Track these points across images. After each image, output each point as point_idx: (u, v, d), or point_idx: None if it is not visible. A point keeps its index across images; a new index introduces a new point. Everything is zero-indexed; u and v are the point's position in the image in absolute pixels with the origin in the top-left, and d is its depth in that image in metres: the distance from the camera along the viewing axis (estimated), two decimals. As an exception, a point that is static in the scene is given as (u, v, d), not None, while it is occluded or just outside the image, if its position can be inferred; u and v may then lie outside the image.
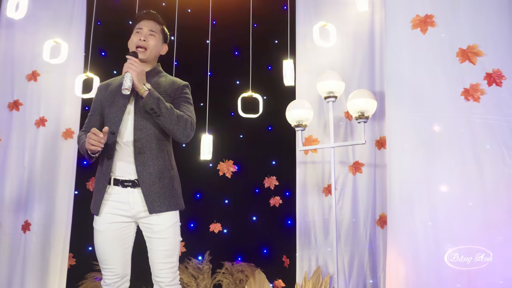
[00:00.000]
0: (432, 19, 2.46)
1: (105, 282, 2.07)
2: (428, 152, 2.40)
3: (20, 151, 3.82)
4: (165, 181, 2.05)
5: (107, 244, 2.04)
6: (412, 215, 2.37)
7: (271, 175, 3.98)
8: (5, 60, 3.92)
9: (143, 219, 2.04)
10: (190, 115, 2.09)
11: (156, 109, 1.96)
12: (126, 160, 2.03)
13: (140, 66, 1.98)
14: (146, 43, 2.14)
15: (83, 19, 4.05)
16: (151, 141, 2.04)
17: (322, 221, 3.58)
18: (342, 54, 3.70)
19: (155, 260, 2.05)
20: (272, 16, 4.15)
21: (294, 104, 3.22)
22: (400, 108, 2.51)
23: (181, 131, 2.02)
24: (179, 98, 2.14)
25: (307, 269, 3.55)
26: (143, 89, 1.96)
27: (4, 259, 3.67)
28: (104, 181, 2.04)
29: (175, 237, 2.06)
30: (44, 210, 3.74)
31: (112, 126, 2.04)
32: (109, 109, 2.10)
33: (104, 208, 2.04)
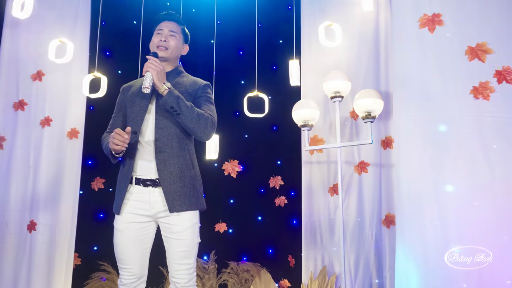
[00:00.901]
0: (439, 18, 2.46)
1: (121, 282, 2.07)
2: (436, 152, 2.39)
3: (25, 150, 3.82)
4: (186, 180, 2.05)
5: (126, 244, 2.04)
6: (421, 215, 2.36)
7: (276, 175, 3.98)
8: (10, 59, 3.92)
9: (163, 219, 2.04)
10: (211, 114, 2.10)
11: (176, 108, 1.97)
12: (147, 159, 2.04)
13: (159, 65, 1.98)
14: (167, 43, 2.14)
15: (87, 19, 4.06)
16: (172, 140, 2.04)
17: (328, 221, 3.58)
18: (347, 53, 3.70)
19: (172, 261, 2.05)
20: (276, 16, 4.15)
21: (300, 104, 3.22)
22: (408, 107, 2.51)
23: (202, 130, 2.03)
24: (200, 97, 2.15)
25: (313, 269, 3.55)
26: (163, 87, 1.97)
27: (10, 259, 3.67)
28: (126, 181, 2.05)
29: (193, 239, 2.05)
30: (50, 209, 3.74)
31: (134, 126, 2.06)
32: (131, 109, 2.12)
33: (125, 207, 2.04)
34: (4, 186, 3.74)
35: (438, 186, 2.37)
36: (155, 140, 2.03)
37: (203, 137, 2.07)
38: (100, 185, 4.06)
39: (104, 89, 3.60)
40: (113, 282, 3.81)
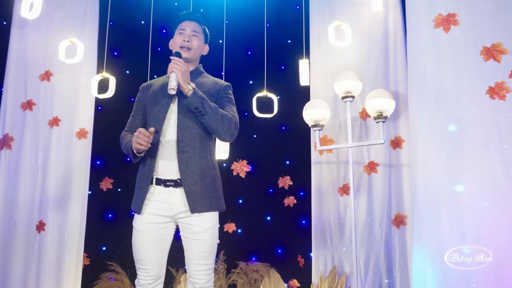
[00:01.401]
0: (455, 18, 2.46)
1: (139, 283, 2.08)
2: (452, 152, 2.39)
3: (34, 151, 3.82)
4: (207, 180, 2.05)
5: (145, 244, 2.04)
6: (437, 215, 2.36)
7: (285, 175, 3.97)
8: (18, 59, 3.91)
9: (183, 219, 2.05)
10: (234, 115, 2.11)
11: (201, 108, 1.97)
12: (169, 159, 2.04)
13: (184, 66, 1.99)
14: (190, 44, 2.15)
15: (96, 19, 4.05)
16: (194, 140, 2.04)
17: (338, 221, 3.58)
18: (357, 54, 3.71)
19: (191, 261, 2.05)
20: (284, 16, 4.14)
21: (311, 104, 3.22)
22: (423, 107, 2.51)
23: (226, 130, 2.03)
24: (222, 98, 2.16)
25: (323, 269, 3.55)
26: (187, 88, 1.97)
27: (19, 259, 3.66)
28: (147, 180, 2.05)
29: (212, 240, 2.05)
30: (59, 210, 3.74)
31: (155, 125, 2.06)
32: (152, 108, 2.12)
33: (145, 207, 2.04)
34: (12, 187, 3.73)
35: (454, 186, 2.38)
36: (177, 140, 2.03)
37: (226, 137, 2.06)
38: (109, 185, 4.06)
39: (112, 90, 3.59)
40: (122, 282, 3.81)
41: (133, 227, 2.10)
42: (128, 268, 3.89)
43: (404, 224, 3.38)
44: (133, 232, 2.09)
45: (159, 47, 4.10)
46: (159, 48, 4.10)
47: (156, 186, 2.05)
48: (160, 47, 4.15)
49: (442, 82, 2.46)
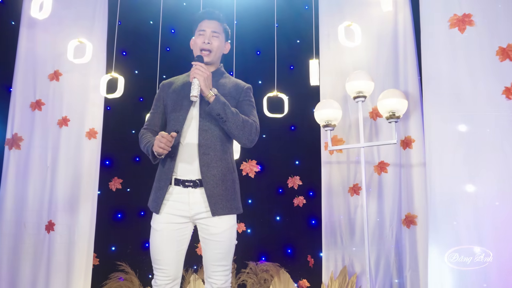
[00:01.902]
0: (470, 18, 2.46)
1: (156, 283, 2.06)
2: (468, 152, 2.40)
3: (43, 151, 3.81)
4: (228, 183, 2.04)
5: (163, 244, 2.03)
6: (453, 215, 2.37)
7: (294, 175, 3.98)
8: (27, 59, 3.91)
9: (201, 220, 2.04)
10: (255, 120, 2.09)
11: (223, 115, 1.97)
12: (189, 160, 2.03)
13: (206, 71, 1.97)
14: (211, 46, 2.11)
15: (105, 19, 4.05)
16: (215, 143, 2.03)
17: (348, 220, 3.58)
18: (366, 54, 3.70)
19: (209, 262, 2.05)
20: (293, 16, 4.14)
21: (323, 104, 3.22)
22: (439, 107, 2.51)
23: (246, 136, 2.03)
24: (243, 101, 2.14)
25: (333, 269, 3.55)
26: (210, 94, 1.96)
27: (28, 259, 3.66)
28: (166, 180, 2.04)
29: (230, 241, 2.05)
30: (68, 210, 3.74)
31: (176, 125, 2.05)
32: (172, 108, 2.10)
33: (163, 207, 2.04)
34: (21, 187, 3.73)
35: (470, 186, 2.38)
36: (199, 142, 2.02)
37: (247, 143, 2.06)
38: (118, 185, 4.06)
39: (121, 90, 3.59)
40: (131, 282, 3.81)
41: (151, 227, 2.10)
42: (137, 268, 3.90)
43: (414, 224, 3.38)
44: (151, 232, 2.08)
45: (168, 47, 4.10)
46: (168, 48, 4.10)
47: (174, 186, 2.04)
48: (169, 47, 4.15)
49: (458, 83, 2.46)
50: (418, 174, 3.42)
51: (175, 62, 4.09)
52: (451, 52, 2.51)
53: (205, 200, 2.01)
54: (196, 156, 2.02)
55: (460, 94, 2.45)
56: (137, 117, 4.13)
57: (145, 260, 3.97)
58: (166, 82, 2.25)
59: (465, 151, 2.41)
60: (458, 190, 2.40)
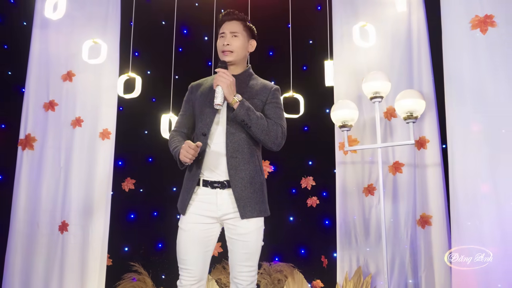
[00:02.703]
0: (492, 19, 2.47)
1: (181, 283, 2.06)
2: (492, 152, 2.40)
3: (56, 151, 3.81)
4: (256, 186, 2.05)
5: (189, 244, 2.04)
6: (477, 215, 2.37)
7: (307, 175, 3.97)
8: (40, 60, 3.91)
9: (229, 220, 2.04)
10: (281, 123, 2.09)
11: (247, 121, 1.97)
12: (217, 163, 2.03)
13: (229, 77, 1.97)
14: (230, 46, 2.11)
15: (117, 19, 4.05)
16: (243, 146, 2.04)
17: (363, 221, 3.59)
18: (380, 54, 3.71)
19: (235, 262, 2.05)
20: (306, 17, 4.14)
21: (339, 105, 3.22)
22: (461, 108, 2.51)
23: (272, 140, 2.03)
24: (271, 104, 2.13)
25: (348, 269, 3.55)
26: (233, 100, 1.97)
27: (42, 260, 3.66)
28: (193, 182, 2.05)
29: (257, 242, 2.05)
30: (82, 210, 3.74)
31: (203, 128, 2.06)
32: (200, 110, 2.11)
33: (190, 208, 2.04)
34: (35, 187, 3.73)
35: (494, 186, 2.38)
36: (227, 145, 2.03)
37: (273, 147, 2.06)
38: (131, 186, 4.06)
39: (138, 90, 3.59)
40: (144, 283, 3.81)
41: (178, 227, 2.10)
42: (150, 269, 3.89)
43: (429, 224, 3.38)
44: (178, 232, 2.08)
45: (180, 48, 4.10)
46: (180, 48, 4.10)
47: (202, 187, 2.05)
48: (181, 47, 4.15)
49: (480, 83, 2.47)
50: (433, 174, 3.42)
51: (187, 62, 4.09)
52: (472, 53, 2.51)
53: (233, 200, 2.02)
54: (224, 159, 2.02)
55: (482, 95, 2.46)
56: (149, 117, 4.13)
57: (158, 260, 3.98)
58: (195, 84, 2.25)
59: (488, 151, 2.41)
60: (481, 189, 2.40)
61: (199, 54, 4.24)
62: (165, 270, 3.94)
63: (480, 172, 2.44)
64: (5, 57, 3.94)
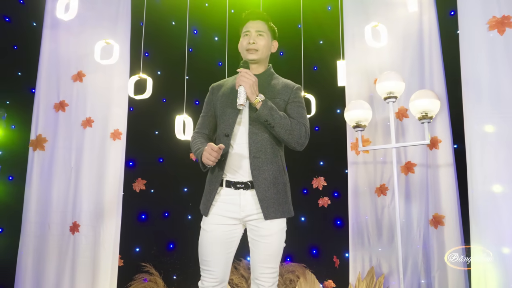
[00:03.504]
0: (509, 20, 2.47)
1: (202, 284, 2.06)
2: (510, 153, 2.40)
3: (67, 151, 3.81)
4: (279, 186, 2.04)
5: (212, 245, 2.03)
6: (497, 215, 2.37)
7: (319, 175, 3.97)
8: (50, 60, 3.90)
9: (252, 221, 2.04)
10: (305, 123, 2.08)
11: (270, 121, 1.96)
12: (240, 163, 2.02)
13: (252, 77, 1.96)
14: (256, 45, 2.11)
15: (128, 19, 4.05)
16: (266, 146, 2.03)
17: (375, 221, 3.59)
18: (391, 54, 3.71)
19: (257, 263, 2.04)
20: (316, 17, 4.14)
21: (353, 105, 3.22)
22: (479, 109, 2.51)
23: (296, 140, 2.02)
24: (293, 103, 2.12)
25: (360, 270, 3.55)
26: (256, 100, 1.96)
27: (53, 260, 3.65)
28: (216, 183, 2.05)
29: (279, 243, 2.05)
30: (93, 211, 3.73)
31: (226, 128, 2.05)
32: (222, 111, 2.10)
33: (213, 209, 2.04)
34: (45, 188, 3.72)
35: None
36: (249, 145, 2.02)
37: (296, 147, 2.06)
38: (142, 186, 4.05)
39: (150, 90, 3.58)
40: (156, 283, 3.80)
41: (201, 227, 2.09)
42: (161, 269, 3.89)
43: (442, 224, 3.39)
44: (201, 233, 2.08)
45: (190, 48, 4.10)
46: (190, 49, 4.10)
47: (225, 188, 2.04)
48: (192, 48, 4.14)
49: (498, 84, 2.47)
50: (445, 174, 3.42)
51: (198, 63, 4.09)
52: (490, 54, 2.51)
53: (257, 201, 2.01)
54: (247, 159, 2.02)
55: (500, 96, 2.46)
56: (160, 118, 4.13)
57: (169, 261, 3.97)
58: (216, 85, 2.25)
59: (506, 152, 2.42)
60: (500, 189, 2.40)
61: (209, 55, 4.24)
62: (176, 271, 3.93)
63: (498, 173, 2.44)
64: (14, 57, 3.93)
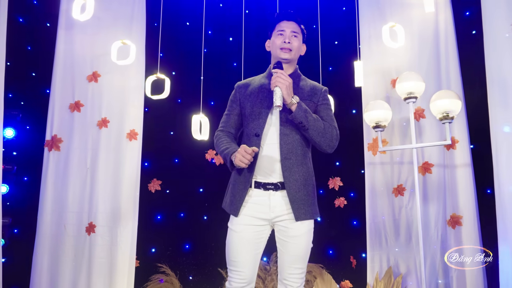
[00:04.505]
0: (535, 20, 2.48)
1: (230, 285, 2.05)
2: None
3: (83, 152, 3.80)
4: (309, 188, 2.05)
5: (241, 246, 2.02)
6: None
7: (335, 176, 3.97)
8: (65, 61, 3.90)
9: (281, 222, 2.03)
10: (335, 125, 2.08)
11: (305, 123, 1.96)
12: (270, 164, 2.02)
13: (288, 79, 1.96)
14: (291, 45, 2.10)
15: (143, 20, 4.05)
16: (296, 147, 2.03)
17: (393, 221, 3.59)
18: (408, 55, 3.72)
19: (286, 264, 2.04)
20: (330, 17, 4.14)
21: (373, 105, 3.22)
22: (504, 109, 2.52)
23: (327, 143, 2.03)
24: (322, 105, 2.13)
25: (378, 270, 3.55)
26: (291, 102, 1.96)
27: (69, 261, 3.65)
28: (245, 183, 2.03)
29: (308, 244, 2.05)
30: (109, 211, 3.72)
31: (256, 128, 2.04)
32: (251, 110, 2.09)
33: (243, 209, 2.03)
34: (61, 188, 3.72)
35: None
36: (280, 146, 2.01)
37: (327, 149, 2.06)
38: (157, 187, 4.04)
39: (168, 91, 3.57)
40: (172, 284, 3.80)
41: (228, 228, 2.08)
42: (177, 270, 3.88)
43: (459, 224, 3.39)
44: (229, 233, 2.07)
45: (205, 48, 4.10)
46: (205, 49, 4.10)
47: (254, 189, 2.04)
48: (206, 48, 4.14)
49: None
50: (463, 174, 3.43)
51: (212, 63, 4.09)
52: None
53: (286, 202, 2.01)
54: (278, 161, 2.01)
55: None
56: (175, 118, 4.13)
57: (185, 262, 3.96)
58: (242, 83, 2.24)
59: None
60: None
61: (224, 55, 4.24)
62: (192, 271, 3.93)
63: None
64: (28, 58, 3.93)
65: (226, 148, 2.06)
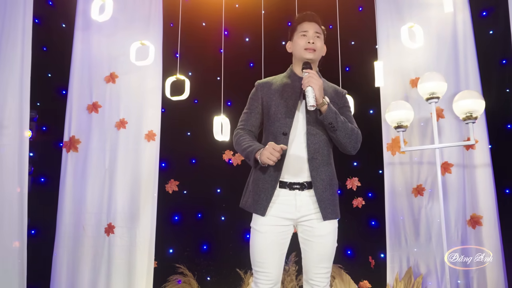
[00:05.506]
0: None
1: (257, 286, 2.02)
2: None
3: (101, 153, 3.81)
4: (334, 188, 2.06)
5: (267, 246, 2.00)
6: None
7: (353, 176, 3.97)
8: (82, 62, 3.91)
9: (306, 222, 2.02)
10: (358, 128, 2.10)
11: (334, 123, 1.96)
12: (297, 164, 2.02)
13: (319, 79, 1.95)
14: (315, 45, 2.10)
15: (160, 21, 4.06)
16: (323, 147, 2.03)
17: (412, 222, 3.59)
18: (426, 55, 3.72)
19: (311, 264, 2.03)
20: (347, 18, 4.13)
21: (395, 105, 3.22)
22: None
23: (353, 145, 2.04)
24: (344, 108, 2.14)
25: (398, 270, 3.55)
26: (323, 102, 1.95)
27: (87, 262, 3.66)
28: (271, 182, 2.02)
29: (333, 243, 2.05)
30: (128, 212, 3.73)
31: (281, 127, 2.04)
32: (276, 109, 2.08)
33: (269, 210, 2.02)
34: (80, 189, 3.73)
35: None
36: (308, 146, 2.01)
37: (351, 151, 2.07)
38: (174, 188, 4.04)
39: (187, 91, 3.57)
40: (190, 285, 3.80)
41: (251, 228, 2.06)
42: (195, 271, 3.88)
43: (480, 224, 3.39)
44: (254, 234, 2.04)
45: (221, 49, 4.09)
46: (221, 49, 4.09)
47: (280, 189, 2.03)
48: (222, 49, 4.14)
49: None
50: (482, 174, 3.43)
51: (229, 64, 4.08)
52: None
53: (313, 202, 2.01)
54: (305, 160, 2.01)
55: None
56: (192, 119, 4.12)
57: (203, 262, 3.96)
58: (263, 82, 2.21)
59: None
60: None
61: (240, 56, 4.24)
62: (210, 272, 3.93)
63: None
64: (44, 59, 3.91)
65: (250, 145, 2.03)
